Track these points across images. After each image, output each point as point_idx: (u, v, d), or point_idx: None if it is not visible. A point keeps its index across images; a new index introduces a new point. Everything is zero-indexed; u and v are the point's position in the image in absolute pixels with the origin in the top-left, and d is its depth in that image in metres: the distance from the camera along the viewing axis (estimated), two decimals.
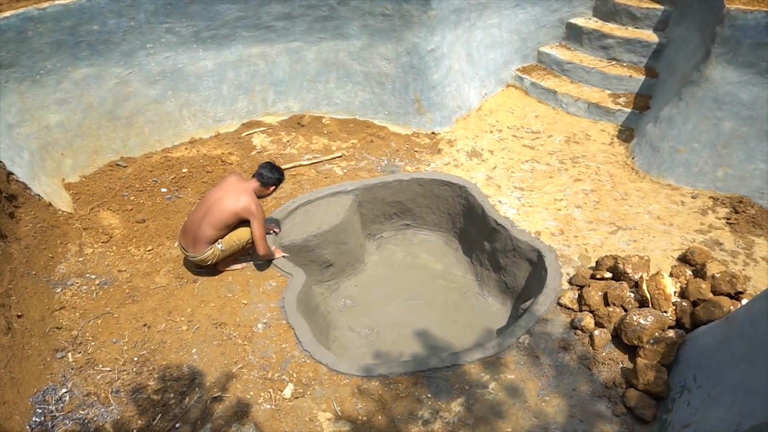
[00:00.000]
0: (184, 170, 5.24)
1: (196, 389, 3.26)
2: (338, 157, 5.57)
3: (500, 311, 4.66)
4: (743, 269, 4.05)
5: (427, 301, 4.80)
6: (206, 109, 5.95)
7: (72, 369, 3.33)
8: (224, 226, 3.86)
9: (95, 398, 3.17)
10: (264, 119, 6.19)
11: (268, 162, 4.03)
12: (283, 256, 4.29)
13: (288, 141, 5.80)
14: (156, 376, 3.33)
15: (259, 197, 3.99)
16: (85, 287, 3.93)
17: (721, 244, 4.32)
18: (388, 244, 5.47)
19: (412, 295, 4.86)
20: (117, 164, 5.28)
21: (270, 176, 3.95)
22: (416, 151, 5.63)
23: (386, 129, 6.03)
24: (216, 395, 3.22)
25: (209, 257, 3.92)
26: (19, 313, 3.37)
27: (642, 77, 6.18)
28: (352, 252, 5.00)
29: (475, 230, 5.00)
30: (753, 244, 4.30)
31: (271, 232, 4.52)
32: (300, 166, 5.41)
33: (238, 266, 4.22)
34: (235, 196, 3.84)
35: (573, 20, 6.96)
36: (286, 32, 6.09)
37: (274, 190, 4.07)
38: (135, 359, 3.43)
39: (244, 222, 3.94)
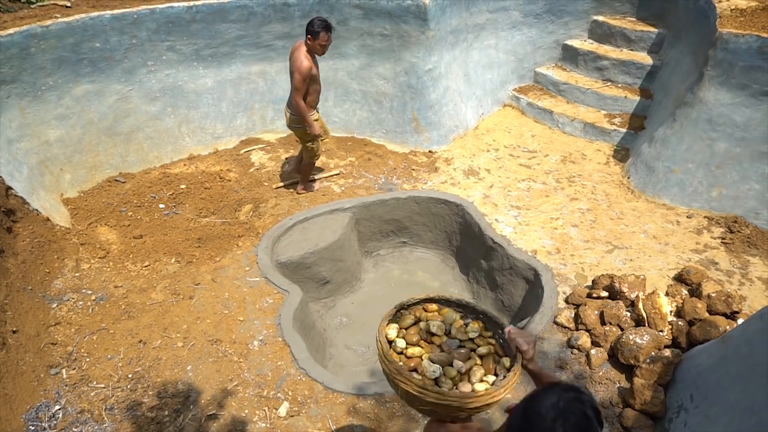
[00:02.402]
0: (183, 186, 5.26)
1: (191, 407, 3.24)
2: (336, 174, 5.60)
3: None
4: (739, 289, 4.06)
5: None
6: (205, 126, 6.00)
7: (66, 385, 3.30)
8: (294, 89, 4.48)
9: (89, 415, 3.14)
10: (263, 136, 6.23)
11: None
12: (318, 135, 4.77)
13: (286, 158, 5.83)
14: (151, 393, 3.31)
15: (317, 52, 4.40)
16: (81, 303, 3.91)
17: (716, 263, 4.34)
18: (385, 261, 5.47)
19: None
20: (116, 180, 5.29)
21: (311, 26, 4.26)
22: (413, 170, 5.67)
23: (384, 147, 6.07)
24: (211, 413, 3.20)
25: (286, 120, 4.79)
26: (14, 329, 3.35)
27: (637, 98, 6.27)
28: (349, 269, 5.00)
29: (471, 248, 5.01)
30: (748, 263, 4.33)
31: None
32: (298, 183, 5.43)
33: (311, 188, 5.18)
34: (293, 57, 4.42)
35: (569, 42, 7.08)
36: (285, 51, 6.15)
37: (326, 36, 4.30)
38: (130, 376, 3.41)
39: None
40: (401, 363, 1.78)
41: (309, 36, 4.31)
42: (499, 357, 1.85)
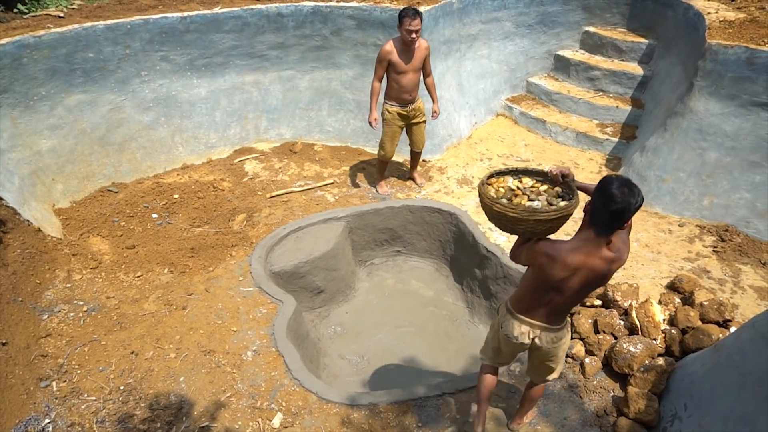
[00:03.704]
0: (176, 196, 5.24)
1: (184, 418, 3.21)
2: (330, 183, 5.60)
3: None
4: (731, 297, 4.09)
5: (417, 329, 4.78)
6: (199, 136, 5.99)
7: (56, 398, 3.26)
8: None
9: (79, 429, 3.10)
10: (256, 146, 6.23)
11: None
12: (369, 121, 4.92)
13: (280, 168, 5.84)
14: (143, 405, 3.27)
15: (404, 39, 4.48)
16: (72, 314, 3.88)
17: (708, 272, 4.37)
18: (379, 270, 5.47)
19: (403, 322, 4.84)
20: (108, 190, 5.27)
21: (399, 14, 4.38)
22: (407, 179, 5.68)
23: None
24: (204, 425, 3.16)
25: None
26: (4, 341, 3.32)
27: (628, 108, 6.33)
28: (343, 279, 4.99)
29: (465, 257, 5.02)
30: (740, 272, 4.36)
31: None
32: (291, 192, 5.43)
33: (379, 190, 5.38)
34: None
35: (561, 52, 7.15)
36: (279, 61, 6.19)
37: (408, 21, 4.35)
38: (121, 388, 3.37)
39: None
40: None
41: (398, 25, 4.46)
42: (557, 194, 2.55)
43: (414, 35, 4.47)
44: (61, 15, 5.38)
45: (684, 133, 5.06)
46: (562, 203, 2.41)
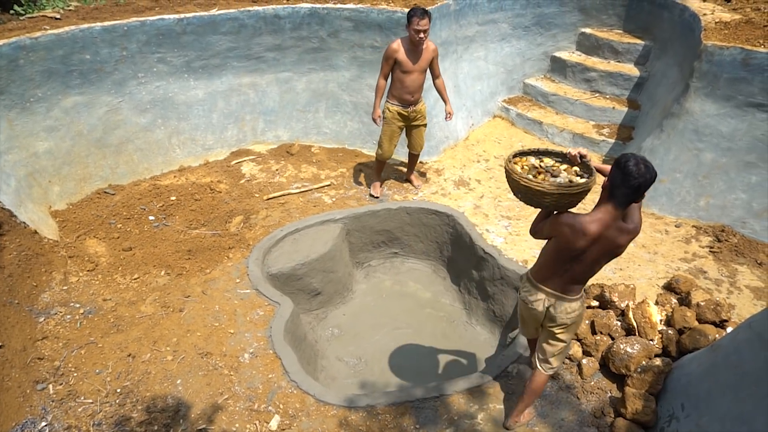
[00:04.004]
0: (173, 198, 5.23)
1: (181, 421, 3.20)
2: (327, 185, 5.60)
3: (488, 340, 4.65)
4: (727, 297, 4.10)
5: (415, 330, 4.78)
6: (196, 138, 5.99)
7: (53, 401, 3.25)
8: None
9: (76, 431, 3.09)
10: (253, 148, 6.23)
11: None
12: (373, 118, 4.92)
13: (277, 169, 5.83)
14: (140, 407, 3.26)
15: (412, 39, 4.47)
16: (69, 316, 3.87)
17: (705, 272, 4.38)
18: (377, 272, 5.46)
19: (401, 324, 4.84)
20: (105, 192, 5.26)
21: (407, 14, 4.37)
22: (404, 181, 5.68)
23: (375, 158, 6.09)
24: (201, 427, 3.16)
25: None
26: (0, 344, 3.30)
27: (625, 109, 6.34)
28: (341, 280, 4.99)
29: (462, 259, 5.02)
30: (736, 272, 4.37)
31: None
32: (289, 194, 5.43)
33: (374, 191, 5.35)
34: None
35: (557, 54, 7.17)
36: (276, 63, 6.19)
37: (417, 21, 4.34)
38: (118, 390, 3.36)
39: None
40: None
41: (407, 25, 4.46)
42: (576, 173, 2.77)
43: (422, 35, 4.46)
44: (58, 16, 5.37)
45: (680, 134, 5.08)
46: (582, 180, 2.63)
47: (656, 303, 3.91)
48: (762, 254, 4.49)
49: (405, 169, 5.74)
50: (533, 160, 2.86)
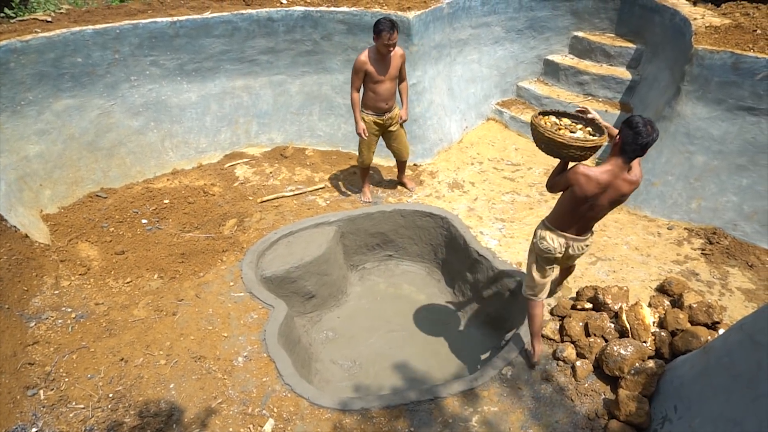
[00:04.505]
0: (166, 201, 5.21)
1: (174, 426, 3.18)
2: (321, 188, 5.60)
3: (483, 342, 4.65)
4: (719, 299, 4.13)
5: (409, 333, 4.78)
6: (189, 141, 5.96)
7: (43, 407, 3.22)
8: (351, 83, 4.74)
9: None
10: (247, 150, 6.21)
11: None
12: (358, 132, 4.85)
13: (271, 172, 5.82)
14: (132, 412, 3.24)
15: (381, 51, 4.46)
16: (60, 321, 3.84)
17: (697, 274, 4.41)
18: (371, 275, 5.46)
19: (395, 327, 4.84)
20: (97, 195, 5.23)
21: (376, 26, 4.35)
22: (398, 184, 5.69)
23: None
24: None
25: None
26: None
27: (617, 112, 6.38)
28: (335, 283, 4.98)
29: (457, 261, 5.03)
30: (728, 274, 4.40)
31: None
32: (283, 197, 5.42)
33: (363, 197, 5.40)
34: None
35: (550, 57, 7.20)
36: (270, 65, 6.18)
37: (388, 35, 4.32)
38: (110, 395, 3.34)
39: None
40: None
41: (374, 36, 4.41)
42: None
43: (391, 48, 4.46)
44: (49, 19, 5.34)
45: (672, 137, 5.12)
46: (596, 138, 3.03)
47: (649, 305, 3.93)
48: (753, 256, 4.53)
49: (396, 171, 5.73)
50: (554, 119, 3.29)
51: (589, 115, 3.19)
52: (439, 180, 5.79)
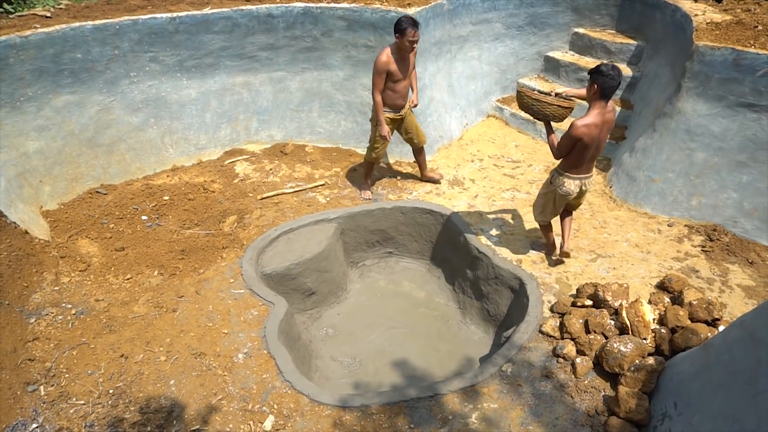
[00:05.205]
0: (166, 198, 5.20)
1: (175, 422, 3.18)
2: (321, 185, 5.59)
3: (483, 339, 4.66)
4: (719, 296, 4.13)
5: (409, 330, 4.78)
6: (189, 137, 5.96)
7: (44, 403, 3.22)
8: (372, 84, 4.78)
9: None
10: (247, 147, 6.21)
11: None
12: (381, 136, 4.93)
13: (271, 169, 5.82)
14: (133, 408, 3.24)
15: (404, 50, 4.56)
16: (60, 317, 3.84)
17: (697, 271, 4.41)
18: (371, 272, 5.46)
19: (395, 324, 4.84)
20: (97, 192, 5.22)
21: (398, 25, 4.42)
22: (399, 180, 5.69)
23: None
24: (195, 428, 3.14)
25: None
26: None
27: (617, 109, 6.37)
28: (335, 280, 4.98)
29: (457, 258, 5.03)
30: (728, 271, 4.40)
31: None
32: (283, 194, 5.42)
33: (364, 191, 5.44)
34: None
35: (550, 53, 7.19)
36: (269, 62, 6.17)
37: (412, 32, 4.40)
38: (111, 391, 3.34)
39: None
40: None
41: (397, 35, 4.45)
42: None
43: (415, 45, 4.55)
44: (48, 15, 5.32)
45: (672, 134, 5.11)
46: (570, 100, 3.83)
47: (649, 302, 3.93)
48: (753, 253, 4.53)
49: (396, 168, 5.73)
50: (535, 89, 4.09)
51: (559, 89, 4.02)
52: (436, 170, 5.77)
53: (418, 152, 5.44)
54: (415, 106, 5.16)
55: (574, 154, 3.80)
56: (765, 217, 4.61)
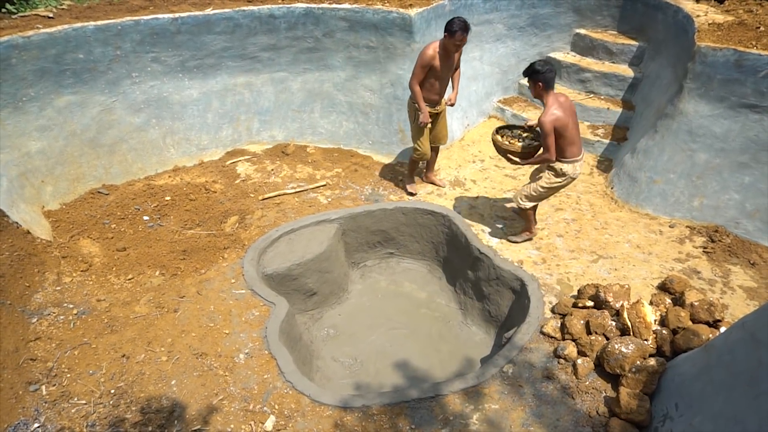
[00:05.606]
0: (167, 198, 5.21)
1: (176, 422, 3.18)
2: (322, 185, 5.60)
3: (484, 340, 4.66)
4: (721, 297, 4.12)
5: (410, 330, 4.78)
6: (190, 138, 5.96)
7: (46, 402, 3.23)
8: (412, 74, 4.80)
9: None
10: (248, 148, 6.21)
11: None
12: (422, 123, 4.92)
13: (272, 170, 5.82)
14: (134, 408, 3.25)
15: (450, 50, 4.59)
16: (62, 317, 3.84)
17: (698, 272, 4.40)
18: (372, 272, 5.46)
19: (396, 324, 4.84)
20: (99, 192, 5.23)
21: (450, 25, 4.43)
22: (400, 180, 5.69)
23: (370, 158, 6.09)
24: (196, 428, 3.14)
25: None
26: None
27: (619, 109, 6.37)
28: (336, 281, 4.99)
29: (458, 259, 5.03)
30: (729, 272, 4.39)
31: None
32: (284, 194, 5.42)
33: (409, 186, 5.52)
34: None
35: (552, 54, 7.18)
36: (271, 62, 6.17)
37: (462, 36, 4.45)
38: (112, 391, 3.35)
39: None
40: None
41: (446, 34, 4.46)
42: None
43: (461, 48, 4.63)
44: (51, 15, 5.34)
45: (674, 135, 5.10)
46: (535, 143, 4.35)
47: (651, 303, 3.93)
48: (755, 254, 4.52)
49: (398, 169, 5.73)
50: (508, 132, 4.64)
51: (530, 123, 4.56)
52: (440, 177, 5.78)
53: (435, 150, 5.45)
54: (452, 105, 5.13)
55: (560, 142, 4.11)
56: (767, 218, 4.61)
